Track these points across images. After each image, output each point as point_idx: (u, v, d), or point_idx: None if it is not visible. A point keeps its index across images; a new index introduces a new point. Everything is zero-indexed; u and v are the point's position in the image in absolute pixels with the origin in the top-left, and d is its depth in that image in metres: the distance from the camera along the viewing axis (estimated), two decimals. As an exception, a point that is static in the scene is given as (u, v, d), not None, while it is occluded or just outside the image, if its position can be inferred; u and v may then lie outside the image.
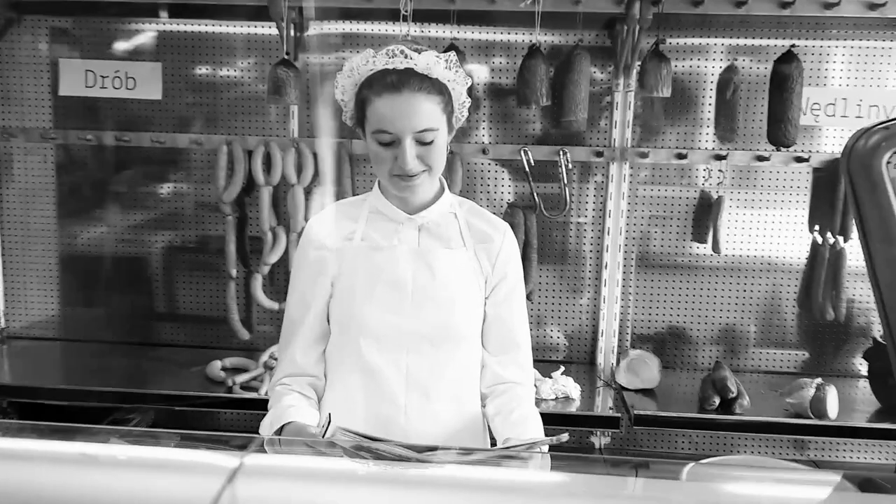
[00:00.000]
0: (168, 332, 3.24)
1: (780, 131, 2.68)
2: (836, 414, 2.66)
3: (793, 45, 2.73)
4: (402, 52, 1.62)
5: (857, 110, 2.94)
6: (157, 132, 3.07)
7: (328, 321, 1.76)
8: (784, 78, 2.66)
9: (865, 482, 1.18)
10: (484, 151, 2.98)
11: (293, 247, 3.04)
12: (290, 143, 2.99)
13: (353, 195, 2.98)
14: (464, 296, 1.74)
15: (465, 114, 1.73)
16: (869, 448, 3.12)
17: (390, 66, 1.61)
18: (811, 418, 2.65)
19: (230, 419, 3.13)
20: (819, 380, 2.69)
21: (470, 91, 1.71)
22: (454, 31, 2.97)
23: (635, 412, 2.65)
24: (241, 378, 2.81)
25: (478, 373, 1.77)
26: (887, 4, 2.58)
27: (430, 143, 1.63)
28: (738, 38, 2.96)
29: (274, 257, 3.03)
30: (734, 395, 2.71)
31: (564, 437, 1.51)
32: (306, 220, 3.01)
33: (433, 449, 1.40)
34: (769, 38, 2.93)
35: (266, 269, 3.05)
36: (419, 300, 1.71)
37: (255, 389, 2.77)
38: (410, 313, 1.70)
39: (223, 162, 3.00)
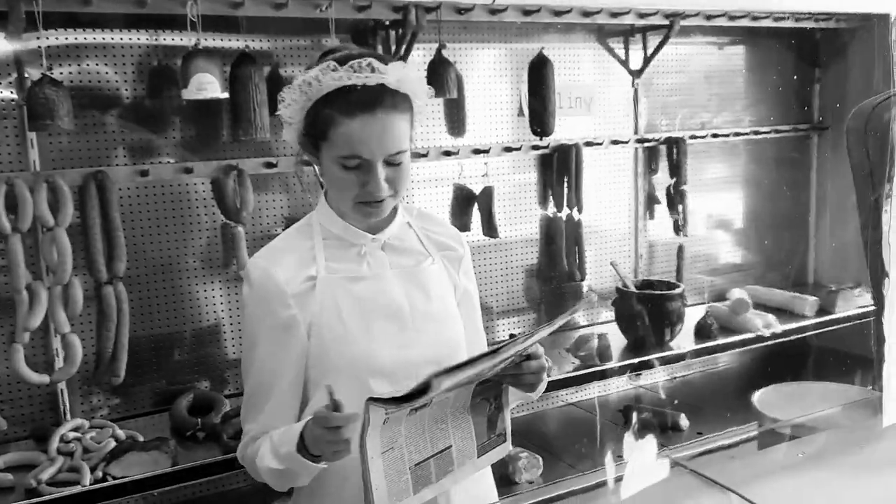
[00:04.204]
0: None
1: (543, 122, 3.04)
2: (612, 356, 3.16)
3: (542, 48, 3.09)
4: (368, 65, 1.50)
5: (568, 102, 3.46)
6: None
7: (306, 376, 1.61)
8: (541, 77, 3.01)
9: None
10: (269, 165, 2.79)
11: (57, 303, 2.50)
12: (39, 178, 2.43)
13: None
14: (454, 307, 1.74)
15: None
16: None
17: (359, 83, 1.49)
18: (599, 364, 3.09)
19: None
20: (598, 330, 3.16)
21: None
22: (245, 39, 2.71)
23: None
24: (45, 474, 2.23)
25: None
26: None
27: (399, 164, 1.56)
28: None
29: (35, 321, 2.45)
30: (541, 359, 3.03)
31: (594, 296, 1.64)
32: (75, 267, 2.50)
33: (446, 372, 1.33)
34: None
35: (26, 337, 2.45)
36: (419, 325, 1.65)
37: (74, 482, 2.23)
38: (414, 341, 1.64)
39: (-52, 212, 2.32)
